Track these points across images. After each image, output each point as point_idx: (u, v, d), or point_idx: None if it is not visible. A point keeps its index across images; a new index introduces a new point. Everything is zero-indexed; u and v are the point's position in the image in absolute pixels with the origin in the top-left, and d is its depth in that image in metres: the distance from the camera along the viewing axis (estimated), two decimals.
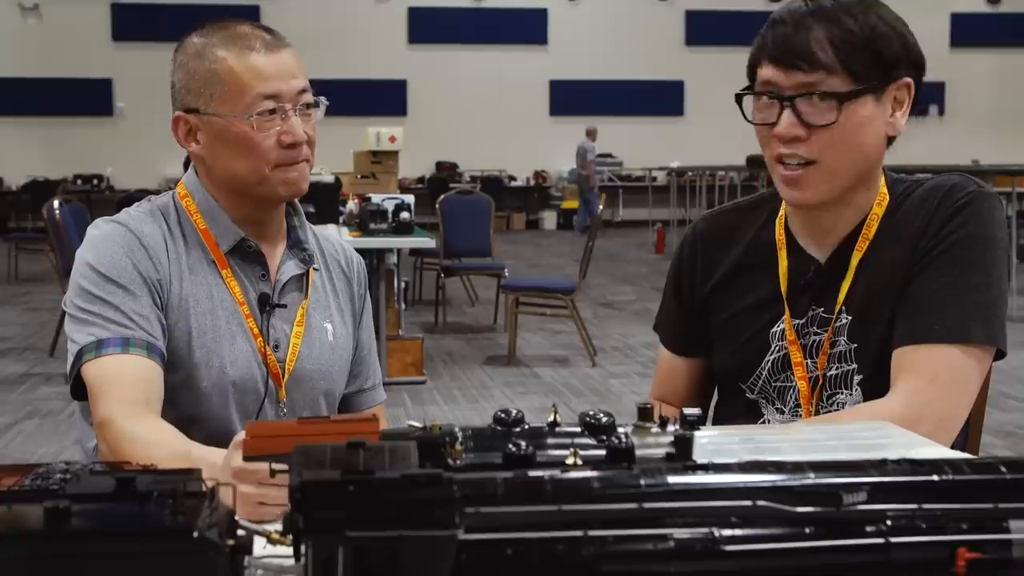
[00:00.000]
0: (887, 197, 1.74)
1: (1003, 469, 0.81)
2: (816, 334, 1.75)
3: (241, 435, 1.21)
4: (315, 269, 1.91)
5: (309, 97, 1.80)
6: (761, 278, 1.82)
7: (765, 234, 1.84)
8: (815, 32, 1.64)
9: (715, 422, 1.91)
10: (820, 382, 1.75)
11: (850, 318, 1.73)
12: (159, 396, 1.67)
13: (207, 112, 1.76)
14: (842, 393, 1.74)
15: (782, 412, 1.79)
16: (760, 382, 1.81)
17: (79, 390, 1.70)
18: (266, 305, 1.81)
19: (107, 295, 1.70)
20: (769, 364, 1.79)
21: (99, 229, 1.79)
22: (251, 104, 1.74)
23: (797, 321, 1.77)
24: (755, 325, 1.82)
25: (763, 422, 1.81)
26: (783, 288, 1.79)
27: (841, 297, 1.73)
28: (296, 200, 1.89)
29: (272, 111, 1.75)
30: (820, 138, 1.66)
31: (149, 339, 1.69)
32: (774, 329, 1.79)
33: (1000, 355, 1.70)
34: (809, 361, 1.76)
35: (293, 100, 1.76)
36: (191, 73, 1.78)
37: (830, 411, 1.74)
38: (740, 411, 1.84)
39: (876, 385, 1.70)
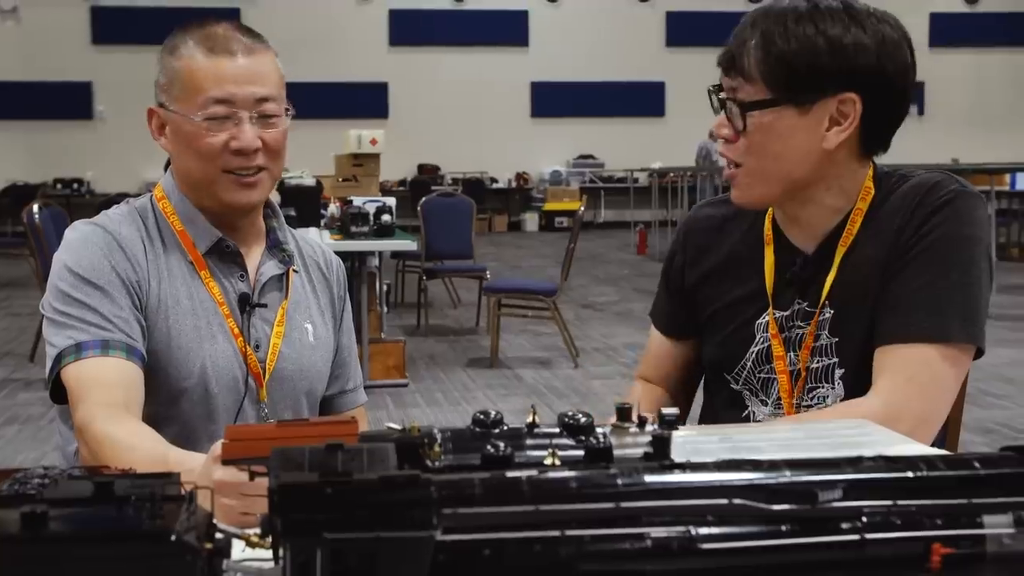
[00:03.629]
0: (872, 192, 1.75)
1: (977, 465, 0.82)
2: (800, 327, 1.77)
3: (218, 447, 1.20)
4: (295, 270, 1.91)
5: (270, 107, 1.77)
6: (750, 270, 1.84)
7: (756, 226, 1.86)
8: (750, 40, 1.68)
9: (702, 413, 1.93)
10: (802, 376, 1.76)
11: (832, 312, 1.74)
12: (139, 398, 1.67)
13: (170, 108, 1.78)
14: (823, 387, 1.75)
15: (765, 404, 1.80)
16: (744, 373, 1.82)
17: (59, 393, 1.69)
18: (246, 305, 1.81)
19: (85, 297, 1.70)
20: (753, 355, 1.81)
21: (77, 231, 1.78)
22: (202, 105, 1.74)
23: (782, 314, 1.79)
24: (742, 316, 1.83)
25: (747, 414, 1.82)
26: (768, 281, 1.80)
27: (825, 291, 1.74)
28: (274, 202, 1.89)
29: (224, 116, 1.74)
30: (742, 142, 1.71)
31: (128, 341, 1.68)
32: (760, 321, 1.81)
33: (979, 353, 1.71)
34: (792, 354, 1.77)
35: (249, 107, 1.75)
36: (164, 68, 1.80)
37: (811, 404, 1.76)
38: (725, 402, 1.85)
39: (858, 380, 1.71)
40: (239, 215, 1.84)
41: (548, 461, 0.81)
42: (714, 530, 0.76)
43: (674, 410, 0.90)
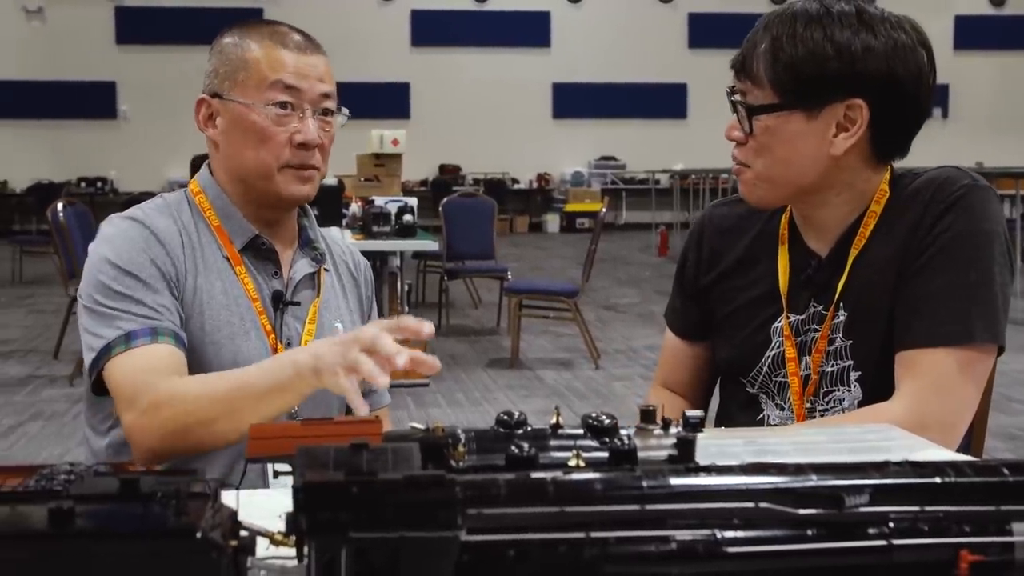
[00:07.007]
0: (887, 193, 1.73)
1: (1006, 471, 0.81)
2: (815, 331, 1.75)
3: (363, 329, 1.43)
4: (326, 269, 1.92)
5: (331, 103, 1.82)
6: (765, 271, 1.83)
7: (771, 227, 1.85)
8: (760, 44, 1.68)
9: (718, 415, 1.92)
10: (814, 380, 1.74)
11: (847, 314, 1.73)
12: None
13: (229, 97, 1.79)
14: (839, 390, 1.73)
15: (781, 408, 1.79)
16: (761, 377, 1.80)
17: (99, 385, 1.70)
18: (280, 302, 1.82)
19: (129, 290, 1.71)
20: (770, 359, 1.79)
21: (114, 226, 1.79)
22: (269, 90, 1.76)
23: (797, 317, 1.77)
24: (758, 319, 1.82)
25: (762, 417, 1.80)
26: (782, 283, 1.79)
27: (837, 293, 1.73)
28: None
29: (290, 106, 1.77)
30: (751, 145, 1.71)
31: (175, 328, 1.70)
32: (776, 324, 1.79)
33: (999, 351, 1.69)
34: (806, 358, 1.75)
35: (313, 102, 1.79)
36: (224, 58, 1.81)
37: (827, 408, 1.74)
38: (740, 405, 1.84)
39: (875, 382, 1.69)
40: (286, 209, 1.86)
41: (572, 462, 0.81)
42: (740, 533, 0.75)
43: (698, 412, 0.89)
